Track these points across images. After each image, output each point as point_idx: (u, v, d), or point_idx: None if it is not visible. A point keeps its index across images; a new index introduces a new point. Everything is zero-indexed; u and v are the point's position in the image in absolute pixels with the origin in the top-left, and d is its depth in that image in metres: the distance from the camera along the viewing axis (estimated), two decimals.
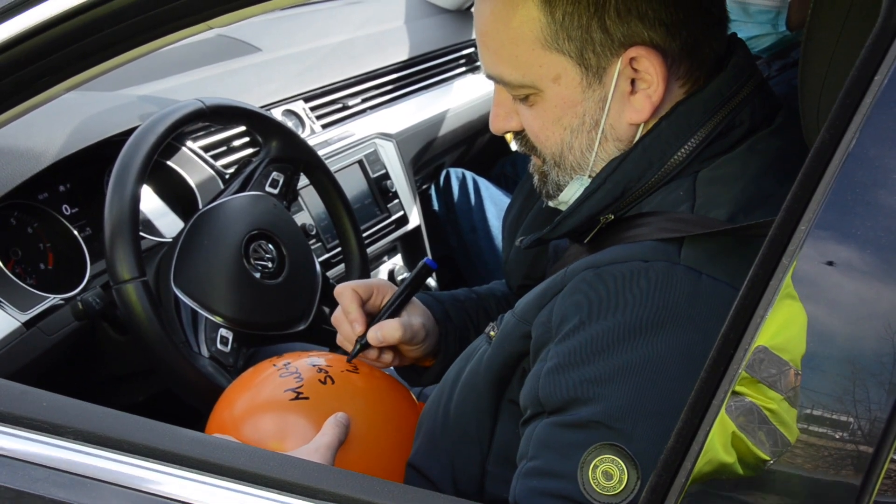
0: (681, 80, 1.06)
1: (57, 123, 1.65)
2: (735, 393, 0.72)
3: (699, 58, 1.06)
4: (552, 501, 0.93)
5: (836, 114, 0.70)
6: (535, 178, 1.17)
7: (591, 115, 1.06)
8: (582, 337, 0.95)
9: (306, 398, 1.18)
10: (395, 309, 1.32)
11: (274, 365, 1.26)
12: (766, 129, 1.07)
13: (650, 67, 1.02)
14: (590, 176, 1.09)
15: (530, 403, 1.00)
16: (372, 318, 1.32)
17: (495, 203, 2.75)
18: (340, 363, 1.28)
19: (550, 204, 1.17)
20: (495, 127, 1.15)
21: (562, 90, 1.05)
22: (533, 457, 0.97)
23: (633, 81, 1.04)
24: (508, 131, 1.14)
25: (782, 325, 0.71)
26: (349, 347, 1.32)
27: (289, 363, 1.26)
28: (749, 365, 0.71)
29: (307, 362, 1.26)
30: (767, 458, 0.72)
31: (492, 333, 1.14)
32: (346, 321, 1.33)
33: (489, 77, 1.11)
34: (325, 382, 1.21)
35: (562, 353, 0.97)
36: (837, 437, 0.70)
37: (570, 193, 1.11)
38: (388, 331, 1.30)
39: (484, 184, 2.80)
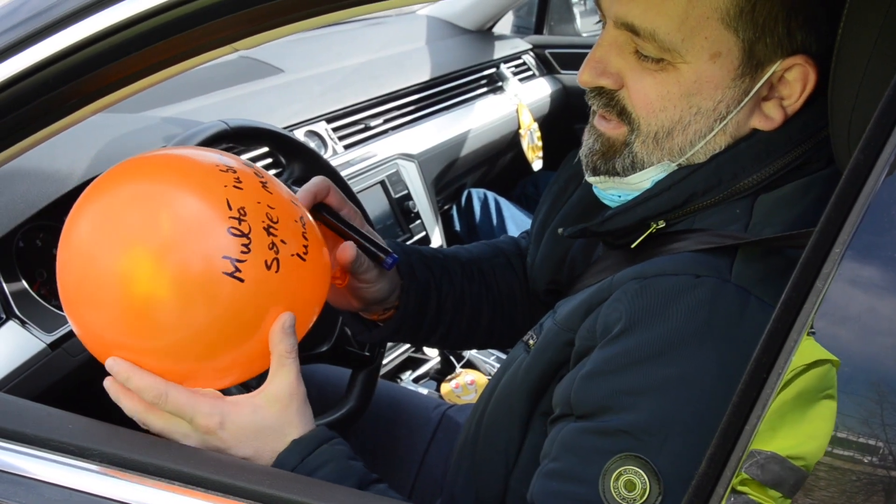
0: None
1: (82, 146, 1.66)
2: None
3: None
4: None
5: (870, 133, 0.69)
6: (596, 146, 1.08)
7: (726, 106, 1.00)
8: (621, 346, 0.94)
9: (241, 281, 0.95)
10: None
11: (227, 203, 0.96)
12: None
13: (801, 79, 0.99)
14: (679, 164, 1.04)
15: (561, 403, 0.99)
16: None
17: (517, 223, 2.75)
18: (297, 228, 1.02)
19: (605, 187, 1.10)
20: (587, 78, 1.04)
21: (713, 69, 0.98)
22: (555, 458, 0.96)
23: (770, 86, 1.00)
24: (599, 86, 1.04)
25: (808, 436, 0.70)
26: None
27: (244, 211, 0.96)
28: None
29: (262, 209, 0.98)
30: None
31: (531, 342, 1.13)
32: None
33: (624, 24, 0.99)
34: (270, 267, 0.96)
35: (599, 359, 0.95)
36: (866, 461, 0.69)
37: (647, 177, 1.05)
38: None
39: (505, 204, 2.80)
